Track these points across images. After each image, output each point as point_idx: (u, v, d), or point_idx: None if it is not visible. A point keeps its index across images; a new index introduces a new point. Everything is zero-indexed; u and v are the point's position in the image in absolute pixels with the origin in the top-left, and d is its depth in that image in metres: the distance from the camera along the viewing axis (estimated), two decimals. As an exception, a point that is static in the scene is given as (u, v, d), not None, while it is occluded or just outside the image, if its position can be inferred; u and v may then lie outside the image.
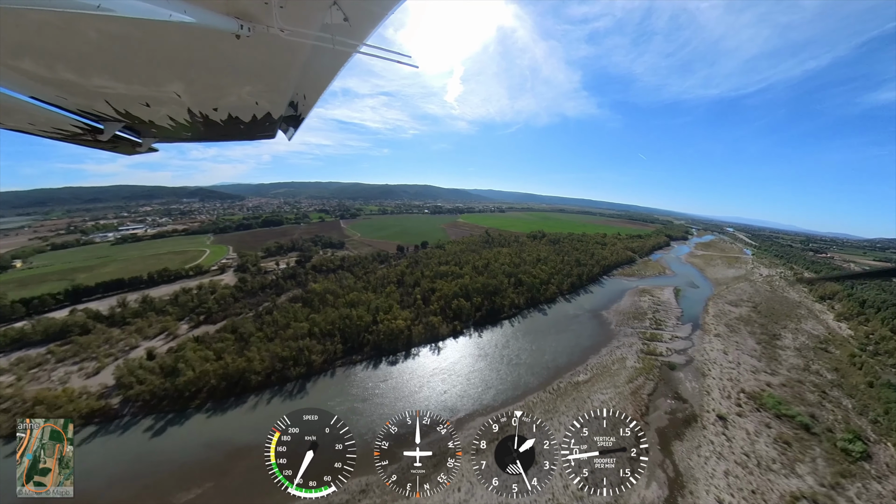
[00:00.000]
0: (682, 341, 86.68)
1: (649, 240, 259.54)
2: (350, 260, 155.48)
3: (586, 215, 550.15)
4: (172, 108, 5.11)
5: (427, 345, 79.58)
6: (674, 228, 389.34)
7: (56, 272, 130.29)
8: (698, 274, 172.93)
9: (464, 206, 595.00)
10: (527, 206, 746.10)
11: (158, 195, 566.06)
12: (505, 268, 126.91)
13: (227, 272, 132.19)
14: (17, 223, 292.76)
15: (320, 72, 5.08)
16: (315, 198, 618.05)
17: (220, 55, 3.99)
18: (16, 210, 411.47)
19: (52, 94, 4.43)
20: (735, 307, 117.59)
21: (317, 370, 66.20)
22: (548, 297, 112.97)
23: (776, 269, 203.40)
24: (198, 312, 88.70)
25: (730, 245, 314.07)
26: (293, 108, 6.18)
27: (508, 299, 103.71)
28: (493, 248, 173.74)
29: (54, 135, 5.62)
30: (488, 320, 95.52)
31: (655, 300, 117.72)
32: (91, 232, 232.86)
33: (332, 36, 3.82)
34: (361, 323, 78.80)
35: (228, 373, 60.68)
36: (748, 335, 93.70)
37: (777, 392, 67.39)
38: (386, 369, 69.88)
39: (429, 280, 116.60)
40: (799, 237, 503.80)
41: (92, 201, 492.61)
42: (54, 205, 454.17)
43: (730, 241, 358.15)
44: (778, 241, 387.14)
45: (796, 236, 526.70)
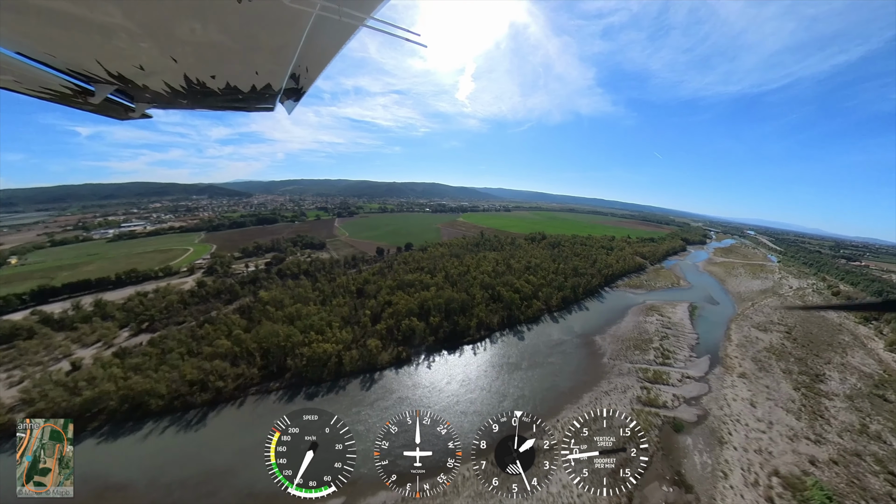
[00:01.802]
0: (696, 384, 66.67)
1: (663, 244, 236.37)
2: (318, 263, 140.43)
3: (597, 216, 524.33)
4: (168, 74, 4.82)
5: (360, 376, 64.90)
6: (691, 231, 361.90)
7: (42, 270, 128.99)
8: (718, 286, 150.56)
9: (469, 204, 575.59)
10: (535, 206, 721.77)
11: (171, 192, 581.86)
12: (484, 278, 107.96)
13: (196, 274, 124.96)
14: (33, 218, 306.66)
15: (325, 44, 4.87)
16: (322, 195, 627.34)
17: (221, 19, 3.74)
18: (37, 205, 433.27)
19: (39, 51, 4.22)
20: (764, 332, 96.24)
21: (227, 397, 57.37)
22: (530, 316, 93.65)
23: (807, 281, 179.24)
24: (139, 320, 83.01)
25: (752, 251, 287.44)
26: (294, 81, 5.97)
27: (476, 319, 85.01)
28: (481, 252, 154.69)
29: (42, 94, 5.36)
30: (446, 345, 77.61)
31: (665, 321, 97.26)
32: (94, 228, 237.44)
33: (339, 7, 3.65)
34: (288, 343, 66.71)
35: (130, 394, 54.25)
36: (782, 376, 72.91)
37: (826, 475, 47.33)
38: (298, 405, 57.14)
39: (388, 291, 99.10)
40: (826, 242, 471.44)
41: (108, 198, 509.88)
42: (72, 201, 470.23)
43: (752, 245, 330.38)
44: (804, 247, 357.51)
45: (823, 241, 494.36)
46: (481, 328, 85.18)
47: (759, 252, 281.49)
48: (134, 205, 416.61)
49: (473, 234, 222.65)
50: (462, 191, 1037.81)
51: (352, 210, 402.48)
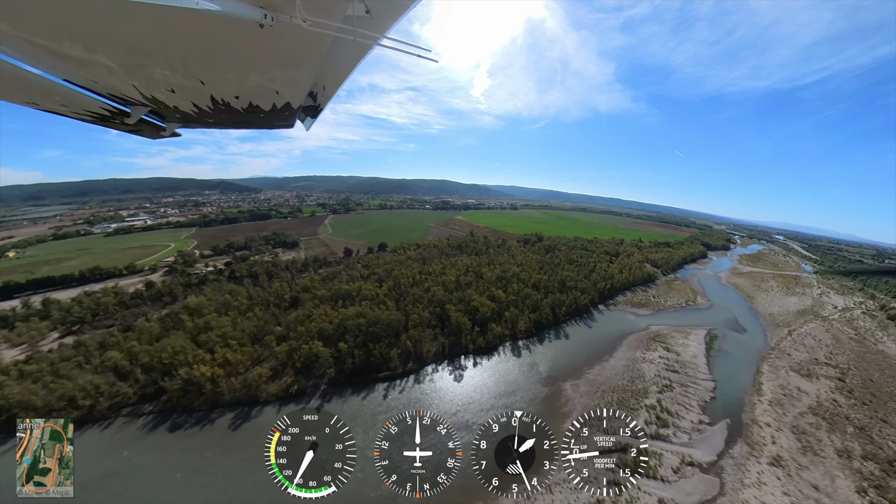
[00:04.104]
0: (701, 478, 42.88)
1: (680, 249, 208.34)
2: (267, 265, 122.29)
3: (610, 216, 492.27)
4: (196, 95, 5.08)
5: (238, 409, 53.79)
6: (713, 235, 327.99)
7: (29, 264, 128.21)
8: (745, 304, 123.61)
9: (476, 202, 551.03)
10: (546, 204, 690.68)
11: (185, 187, 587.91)
12: (437, 291, 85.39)
13: (157, 273, 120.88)
14: (54, 212, 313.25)
15: (340, 63, 5.10)
16: (330, 191, 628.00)
17: (244, 44, 3.94)
18: (62, 199, 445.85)
19: (85, 78, 4.59)
20: (808, 379, 70.70)
21: (98, 416, 51.40)
22: (483, 346, 70.90)
23: (852, 298, 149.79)
24: (69, 322, 79.13)
25: (783, 258, 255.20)
26: (312, 99, 6.24)
27: (400, 349, 63.45)
28: (457, 255, 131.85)
29: (84, 117, 5.70)
30: (354, 380, 59.04)
31: (672, 359, 72.94)
32: (98, 223, 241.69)
33: (354, 28, 3.82)
34: (174, 361, 58.34)
35: (6, 405, 48.94)
36: (837, 461, 48.14)
37: None
38: (158, 437, 48.52)
39: (314, 303, 78.66)
40: (866, 249, 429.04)
41: (127, 192, 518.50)
42: (94, 195, 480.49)
43: (782, 252, 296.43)
44: (843, 255, 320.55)
45: (863, 248, 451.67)
46: (409, 360, 63.78)
47: (790, 260, 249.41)
48: (149, 199, 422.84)
49: (463, 234, 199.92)
50: (473, 188, 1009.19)
51: (349, 207, 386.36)
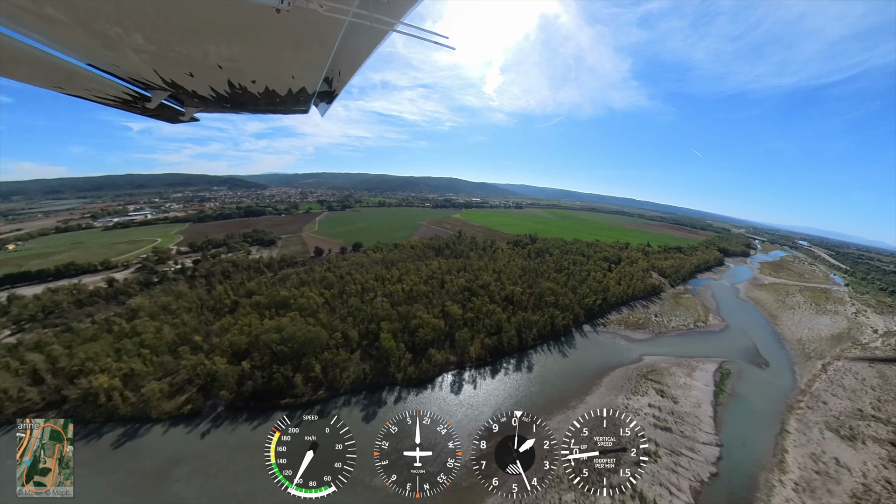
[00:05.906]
0: None
1: (693, 255, 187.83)
2: (226, 266, 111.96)
3: (620, 216, 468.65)
4: (214, 79, 5.13)
5: (130, 424, 50.09)
6: (730, 239, 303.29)
7: (24, 257, 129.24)
8: (767, 325, 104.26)
9: (480, 200, 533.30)
10: (555, 203, 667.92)
11: (195, 182, 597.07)
12: (382, 304, 69.31)
13: (129, 270, 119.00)
14: (67, 205, 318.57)
15: (356, 49, 5.11)
16: (336, 188, 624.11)
17: (260, 28, 3.98)
18: (78, 193, 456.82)
19: (108, 63, 4.70)
20: (849, 442, 52.28)
21: (3, 421, 48.13)
22: (415, 377, 54.98)
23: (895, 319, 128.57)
24: (21, 320, 78.29)
25: (808, 267, 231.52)
26: (327, 84, 6.31)
27: (310, 372, 48.89)
28: (432, 259, 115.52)
29: (107, 100, 5.81)
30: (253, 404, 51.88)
31: (664, 408, 55.57)
32: (102, 216, 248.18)
33: (370, 13, 3.82)
34: (82, 368, 55.02)
35: None
36: None
37: None
38: None
39: (245, 312, 64.80)
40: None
41: (140, 187, 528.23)
42: (109, 190, 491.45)
43: (807, 260, 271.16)
44: (875, 265, 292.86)
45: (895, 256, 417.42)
46: (321, 387, 49.34)
47: (817, 270, 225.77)
48: (159, 194, 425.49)
49: (452, 234, 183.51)
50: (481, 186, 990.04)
51: (347, 204, 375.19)
